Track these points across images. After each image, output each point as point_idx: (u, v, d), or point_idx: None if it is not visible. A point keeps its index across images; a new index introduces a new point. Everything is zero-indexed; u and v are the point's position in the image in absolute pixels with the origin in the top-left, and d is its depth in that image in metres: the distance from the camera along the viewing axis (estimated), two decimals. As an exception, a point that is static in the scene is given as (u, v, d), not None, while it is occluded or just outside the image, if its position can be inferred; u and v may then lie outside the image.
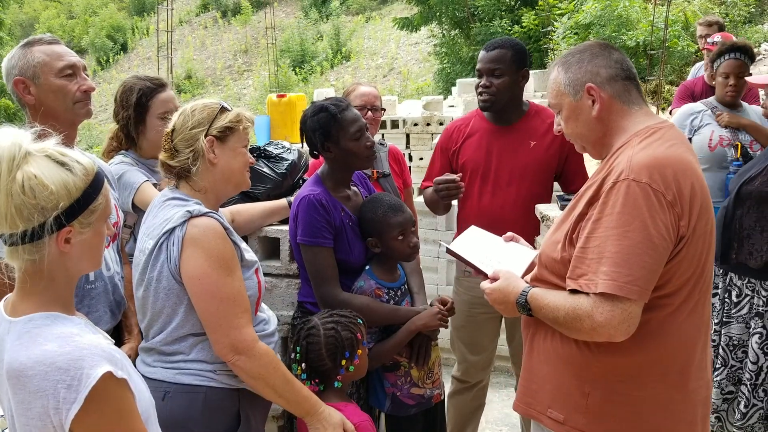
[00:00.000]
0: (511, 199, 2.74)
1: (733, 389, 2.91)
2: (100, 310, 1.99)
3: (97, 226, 1.30)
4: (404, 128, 7.13)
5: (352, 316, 2.04)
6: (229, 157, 1.83)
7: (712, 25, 4.88)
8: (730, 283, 2.91)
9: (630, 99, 1.67)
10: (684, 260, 1.53)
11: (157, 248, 1.74)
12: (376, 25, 24.98)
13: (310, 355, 2.00)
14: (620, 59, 1.69)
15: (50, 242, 1.23)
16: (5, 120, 16.39)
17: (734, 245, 2.86)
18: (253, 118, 1.94)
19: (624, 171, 1.52)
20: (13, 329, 1.24)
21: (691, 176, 1.54)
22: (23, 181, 1.19)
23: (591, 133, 1.70)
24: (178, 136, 1.81)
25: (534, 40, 11.79)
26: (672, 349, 1.58)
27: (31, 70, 1.98)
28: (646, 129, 1.62)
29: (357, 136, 2.23)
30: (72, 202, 1.23)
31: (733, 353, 2.89)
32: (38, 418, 1.17)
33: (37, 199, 1.20)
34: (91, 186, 1.26)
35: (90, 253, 1.31)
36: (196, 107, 1.84)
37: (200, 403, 1.74)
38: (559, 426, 1.66)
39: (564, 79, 1.70)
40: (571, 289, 1.55)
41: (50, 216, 1.21)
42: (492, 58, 2.71)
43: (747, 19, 10.02)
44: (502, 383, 4.16)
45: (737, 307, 2.88)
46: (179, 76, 23.02)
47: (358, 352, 1.99)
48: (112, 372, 1.19)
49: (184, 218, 1.72)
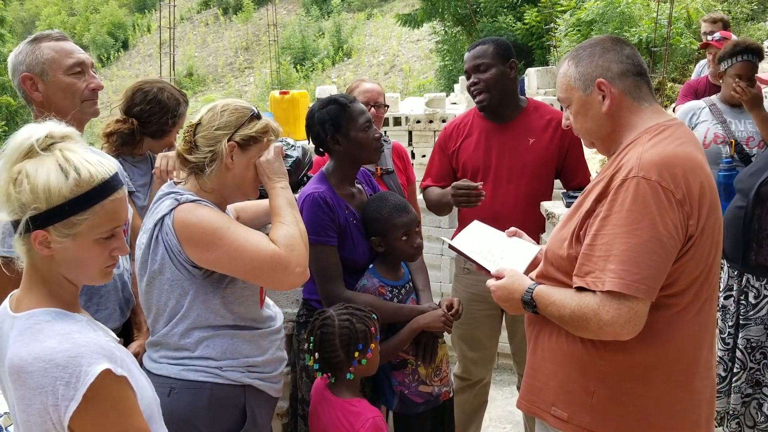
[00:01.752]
0: (512, 197, 2.73)
1: (750, 391, 2.88)
2: (109, 307, 1.99)
3: (83, 239, 1.25)
4: (407, 125, 7.12)
5: (366, 311, 2.05)
6: (245, 166, 1.80)
7: (717, 22, 4.86)
8: (747, 285, 2.86)
9: (640, 95, 1.65)
10: (692, 259, 1.53)
11: (153, 240, 1.73)
12: (377, 22, 24.94)
13: (323, 345, 1.99)
14: (632, 54, 1.67)
15: (31, 241, 1.24)
16: (6, 117, 16.39)
17: (753, 246, 2.82)
18: (280, 131, 1.90)
19: (633, 168, 1.50)
20: (15, 325, 1.25)
21: (700, 175, 1.53)
22: (17, 174, 1.23)
23: (600, 129, 1.68)
24: (202, 131, 1.77)
25: (536, 37, 11.78)
26: (679, 349, 1.57)
27: (39, 67, 1.96)
28: (656, 126, 1.61)
29: (366, 126, 2.23)
30: (49, 208, 1.22)
31: (752, 355, 2.85)
32: (38, 415, 1.17)
33: (19, 194, 1.22)
34: (79, 198, 1.23)
35: (79, 266, 1.28)
36: (228, 107, 1.80)
37: (206, 400, 1.73)
38: (563, 424, 1.65)
39: (574, 73, 1.68)
40: (578, 287, 1.55)
41: (25, 215, 1.22)
42: (474, 55, 2.72)
43: (750, 17, 9.98)
44: (506, 381, 4.16)
45: (755, 309, 2.83)
46: (180, 74, 22.99)
47: (371, 346, 1.99)
48: (110, 369, 1.19)
49: (172, 206, 1.71)
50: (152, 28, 27.68)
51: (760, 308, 2.83)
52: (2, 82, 17.81)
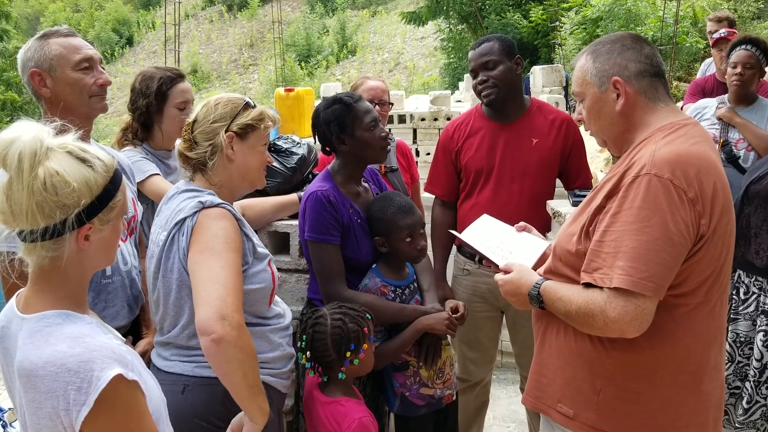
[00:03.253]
0: (515, 197, 2.72)
1: (740, 384, 2.90)
2: (117, 304, 1.98)
3: (115, 222, 1.29)
4: (411, 123, 7.11)
5: (360, 310, 2.03)
6: (247, 154, 1.82)
7: (722, 21, 4.83)
8: (738, 281, 2.91)
9: (656, 96, 1.63)
10: (703, 260, 1.51)
11: (169, 240, 1.73)
12: (382, 19, 24.92)
13: (315, 344, 1.99)
14: (651, 54, 1.65)
15: (70, 239, 1.22)
16: (11, 113, 16.45)
17: (740, 243, 2.84)
18: (277, 117, 1.92)
19: (646, 165, 1.49)
20: (25, 326, 1.24)
21: (714, 175, 1.51)
22: (45, 178, 1.18)
23: (613, 128, 1.66)
24: (199, 128, 1.80)
25: (542, 35, 11.76)
26: (687, 349, 1.56)
27: (48, 63, 1.96)
28: (670, 125, 1.59)
29: (371, 126, 2.22)
30: (93, 199, 1.22)
31: (740, 350, 2.89)
32: (49, 418, 1.17)
33: (59, 196, 1.18)
34: (111, 182, 1.26)
35: (106, 249, 1.31)
36: (221, 100, 1.82)
37: (221, 396, 1.71)
38: (568, 421, 1.64)
39: (591, 68, 1.66)
40: (585, 283, 1.53)
41: (72, 213, 1.20)
42: (481, 53, 2.70)
43: (756, 15, 9.95)
44: (509, 379, 4.15)
45: (744, 305, 2.87)
46: (185, 70, 23.00)
47: (363, 347, 1.98)
48: (122, 374, 1.18)
49: (196, 209, 1.71)
50: (157, 25, 27.71)
51: (748, 304, 2.86)
52: (7, 79, 17.86)
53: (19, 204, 1.18)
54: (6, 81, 17.86)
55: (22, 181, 1.18)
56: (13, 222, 1.20)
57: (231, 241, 1.69)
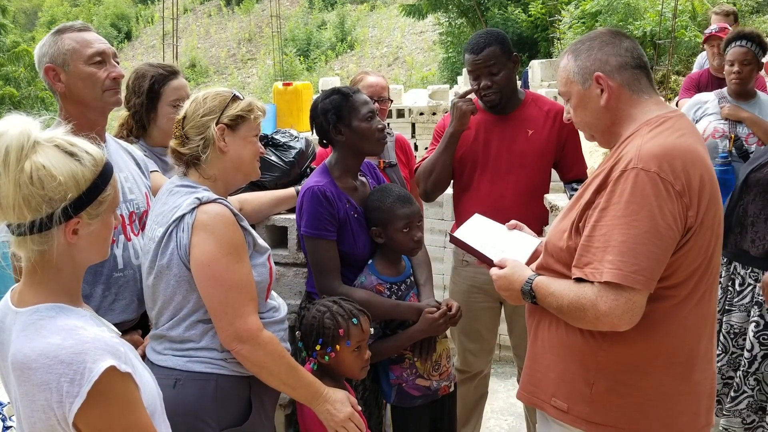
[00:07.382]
0: (511, 189, 2.73)
1: (733, 374, 2.93)
2: (127, 298, 1.99)
3: (105, 217, 1.29)
4: (410, 117, 7.12)
5: (349, 313, 2.02)
6: (239, 146, 1.83)
7: (729, 15, 4.81)
8: (734, 272, 2.92)
9: (639, 88, 1.65)
10: (691, 251, 1.53)
11: (167, 236, 1.74)
12: (380, 13, 24.86)
13: (301, 329, 2.07)
14: (631, 47, 1.67)
15: (58, 233, 1.22)
16: (11, 108, 16.42)
17: (735, 230, 2.86)
18: (265, 107, 1.93)
19: (633, 160, 1.51)
20: (18, 320, 1.24)
21: (700, 167, 1.53)
22: (31, 172, 1.18)
23: (599, 122, 1.69)
24: (189, 123, 1.81)
25: (541, 29, 11.75)
26: (677, 340, 1.58)
27: (61, 58, 1.96)
28: (657, 118, 1.61)
29: (368, 117, 2.23)
30: (80, 194, 1.22)
31: (734, 341, 2.90)
32: (42, 411, 1.17)
33: (45, 189, 1.19)
34: (100, 177, 1.25)
35: (97, 243, 1.31)
36: (208, 95, 1.84)
37: (211, 391, 1.74)
38: (563, 415, 1.66)
39: (573, 67, 1.68)
40: (576, 278, 1.55)
41: (58, 207, 1.20)
42: (485, 58, 2.66)
43: (755, 9, 9.93)
44: (507, 373, 4.17)
45: (740, 296, 2.89)
46: (183, 65, 22.98)
47: (336, 347, 1.97)
48: (115, 366, 1.19)
49: (194, 205, 1.72)
50: (155, 20, 27.61)
51: (744, 296, 2.88)
52: (6, 73, 17.81)
53: (6, 197, 1.19)
54: (4, 76, 17.81)
55: (8, 174, 1.18)
56: (2, 215, 1.21)
57: (236, 245, 1.73)
